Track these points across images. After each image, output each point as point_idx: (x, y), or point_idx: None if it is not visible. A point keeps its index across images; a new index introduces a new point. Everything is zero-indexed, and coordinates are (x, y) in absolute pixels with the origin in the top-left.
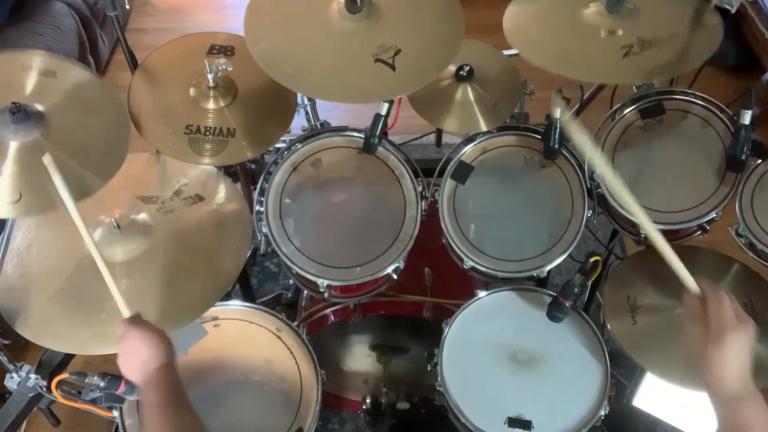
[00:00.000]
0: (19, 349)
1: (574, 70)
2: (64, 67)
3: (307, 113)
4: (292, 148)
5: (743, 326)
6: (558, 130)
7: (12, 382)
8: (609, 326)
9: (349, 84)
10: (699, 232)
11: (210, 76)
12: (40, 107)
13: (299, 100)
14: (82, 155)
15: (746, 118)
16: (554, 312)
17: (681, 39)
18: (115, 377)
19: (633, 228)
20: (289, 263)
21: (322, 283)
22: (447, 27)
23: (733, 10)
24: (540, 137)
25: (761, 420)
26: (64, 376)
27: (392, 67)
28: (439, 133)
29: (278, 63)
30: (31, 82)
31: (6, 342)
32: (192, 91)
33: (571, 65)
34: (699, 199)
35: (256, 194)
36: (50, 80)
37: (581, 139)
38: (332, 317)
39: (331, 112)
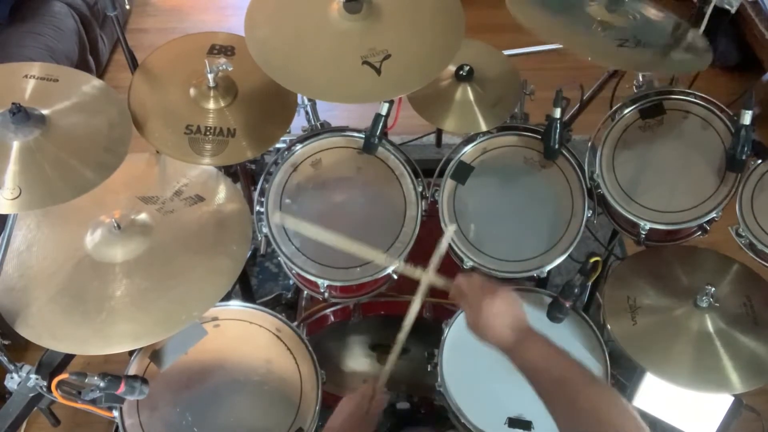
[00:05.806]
0: (19, 349)
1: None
2: (66, 73)
3: (307, 113)
4: (292, 148)
5: (492, 293)
6: (558, 130)
7: (12, 382)
8: (609, 326)
9: (331, 82)
10: (699, 232)
11: (210, 76)
12: (40, 110)
13: (299, 100)
14: (82, 153)
15: (746, 118)
16: (554, 312)
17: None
18: (115, 377)
19: (633, 228)
20: (289, 263)
21: (322, 283)
22: (444, 38)
23: (733, 10)
24: (540, 137)
25: (536, 354)
26: (64, 376)
27: (378, 71)
28: (439, 133)
29: (269, 53)
30: (31, 86)
31: (6, 342)
32: (192, 91)
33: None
34: (699, 199)
35: (256, 194)
36: (51, 84)
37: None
38: (332, 317)
39: (331, 112)
